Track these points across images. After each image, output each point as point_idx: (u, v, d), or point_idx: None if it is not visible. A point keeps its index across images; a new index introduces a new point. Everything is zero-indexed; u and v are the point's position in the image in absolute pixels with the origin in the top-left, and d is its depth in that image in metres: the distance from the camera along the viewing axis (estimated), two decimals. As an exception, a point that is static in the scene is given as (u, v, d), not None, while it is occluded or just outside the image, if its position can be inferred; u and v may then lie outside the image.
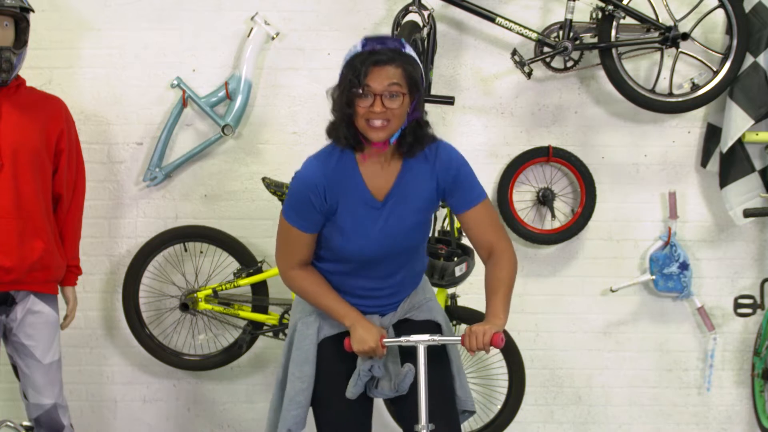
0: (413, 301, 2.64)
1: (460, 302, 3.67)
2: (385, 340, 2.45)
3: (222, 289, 3.71)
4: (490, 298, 2.48)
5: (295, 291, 2.58)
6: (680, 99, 3.75)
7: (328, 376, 2.53)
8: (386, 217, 2.46)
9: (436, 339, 2.45)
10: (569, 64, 3.80)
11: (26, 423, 3.17)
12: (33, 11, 3.06)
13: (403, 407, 2.55)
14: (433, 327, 2.62)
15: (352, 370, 2.51)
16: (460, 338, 2.44)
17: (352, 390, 2.48)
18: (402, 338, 2.48)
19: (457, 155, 2.53)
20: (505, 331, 3.72)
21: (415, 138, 2.43)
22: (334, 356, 2.54)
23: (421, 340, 2.44)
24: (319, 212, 2.44)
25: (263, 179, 3.56)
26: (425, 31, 3.56)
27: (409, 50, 2.37)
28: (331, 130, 2.43)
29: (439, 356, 2.57)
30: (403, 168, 2.47)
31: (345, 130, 2.38)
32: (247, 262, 3.77)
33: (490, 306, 2.47)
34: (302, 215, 2.45)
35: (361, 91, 2.31)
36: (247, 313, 3.72)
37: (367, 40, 2.37)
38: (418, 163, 2.47)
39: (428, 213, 2.55)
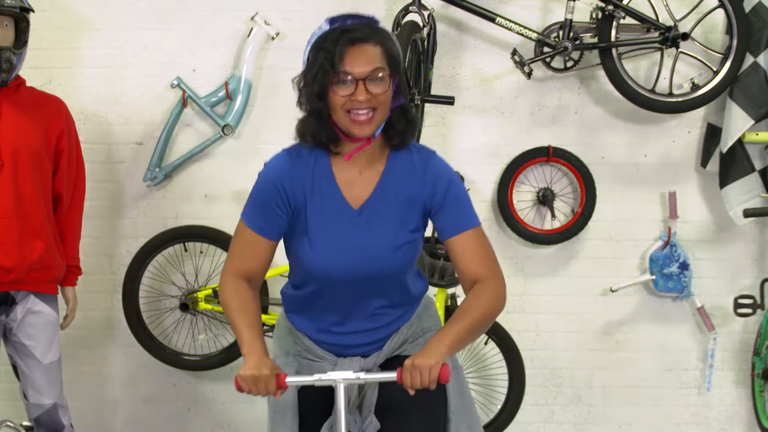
0: (407, 334, 2.23)
1: (460, 303, 3.67)
2: (289, 378, 1.97)
3: (222, 289, 3.71)
4: (447, 324, 2.06)
5: (222, 302, 2.14)
6: (680, 99, 3.75)
7: (311, 425, 2.14)
8: (362, 228, 2.08)
9: (362, 377, 1.99)
10: (569, 64, 3.80)
11: (26, 423, 3.16)
12: (33, 11, 3.06)
13: None
14: None
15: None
16: (395, 374, 1.97)
17: None
18: (314, 376, 2.00)
19: (450, 170, 2.16)
20: (505, 331, 3.78)
21: (406, 124, 2.10)
22: (318, 402, 2.15)
23: (340, 378, 1.97)
24: (279, 214, 2.10)
25: (263, 179, 3.56)
26: (425, 31, 3.56)
27: (383, 25, 2.07)
28: (300, 128, 2.12)
29: (427, 401, 2.13)
30: (385, 172, 2.10)
31: (315, 126, 2.06)
32: (247, 262, 3.77)
33: (441, 331, 2.05)
34: (260, 214, 2.11)
35: (338, 78, 1.97)
36: (247, 313, 3.72)
37: (335, 18, 2.03)
38: (404, 169, 2.11)
39: (414, 231, 2.12)
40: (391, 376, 1.98)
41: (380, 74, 1.98)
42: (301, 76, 2.07)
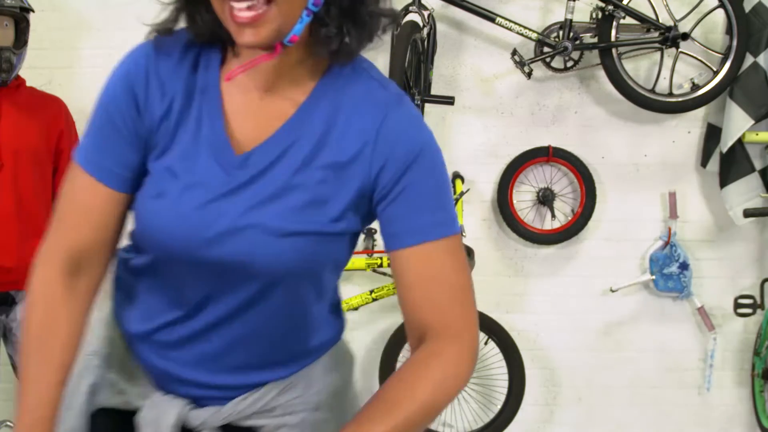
0: (273, 399, 1.32)
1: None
2: None
3: (222, 289, 3.70)
4: (362, 423, 1.17)
5: (25, 315, 1.30)
6: (680, 99, 3.75)
7: None
8: (237, 187, 1.21)
9: None
10: (569, 64, 3.80)
11: (26, 423, 3.16)
12: (33, 11, 3.06)
13: None
14: None
15: None
16: None
17: None
18: None
19: (423, 134, 1.23)
20: (505, 331, 3.77)
21: (342, 20, 1.17)
22: None
23: None
24: (128, 139, 1.26)
25: (263, 179, 3.55)
26: (425, 31, 3.56)
27: None
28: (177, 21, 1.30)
29: None
30: (306, 107, 1.22)
31: (190, 16, 1.26)
32: (247, 262, 3.76)
33: None
34: (99, 143, 1.28)
35: None
36: (247, 313, 3.71)
37: None
38: (346, 109, 1.21)
39: (335, 221, 1.21)
40: None
41: None
42: None
